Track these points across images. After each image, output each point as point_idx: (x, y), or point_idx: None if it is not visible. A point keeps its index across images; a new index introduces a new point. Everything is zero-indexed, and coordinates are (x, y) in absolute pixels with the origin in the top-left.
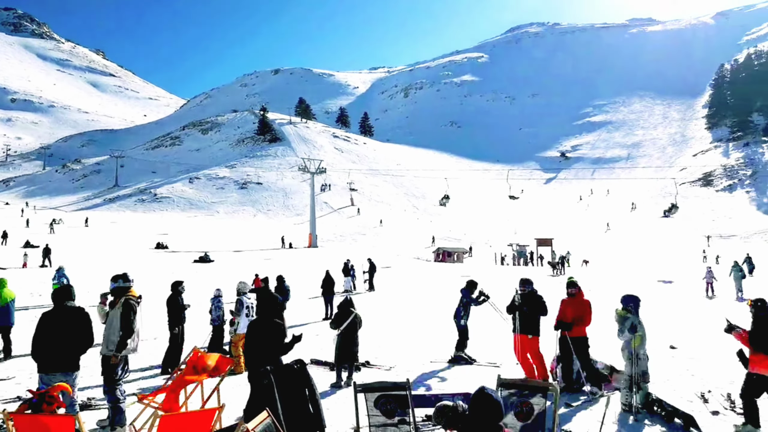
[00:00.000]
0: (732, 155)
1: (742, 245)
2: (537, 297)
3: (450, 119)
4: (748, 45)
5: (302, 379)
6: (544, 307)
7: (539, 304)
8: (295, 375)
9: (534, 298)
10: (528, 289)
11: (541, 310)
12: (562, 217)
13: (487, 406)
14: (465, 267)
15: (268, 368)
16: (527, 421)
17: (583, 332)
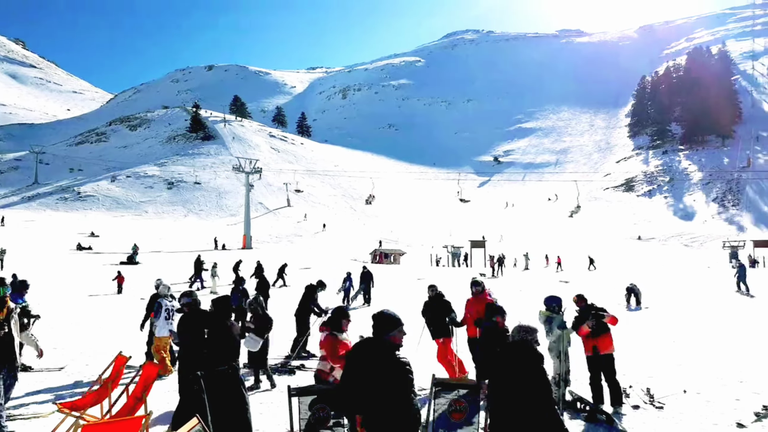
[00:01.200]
0: (651, 162)
1: (660, 247)
2: (443, 300)
3: (388, 122)
4: (668, 58)
5: (233, 385)
6: (449, 309)
7: (445, 307)
8: (226, 380)
9: (439, 302)
10: (434, 293)
11: (446, 312)
12: (495, 219)
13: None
14: (402, 268)
15: (198, 374)
16: (461, 420)
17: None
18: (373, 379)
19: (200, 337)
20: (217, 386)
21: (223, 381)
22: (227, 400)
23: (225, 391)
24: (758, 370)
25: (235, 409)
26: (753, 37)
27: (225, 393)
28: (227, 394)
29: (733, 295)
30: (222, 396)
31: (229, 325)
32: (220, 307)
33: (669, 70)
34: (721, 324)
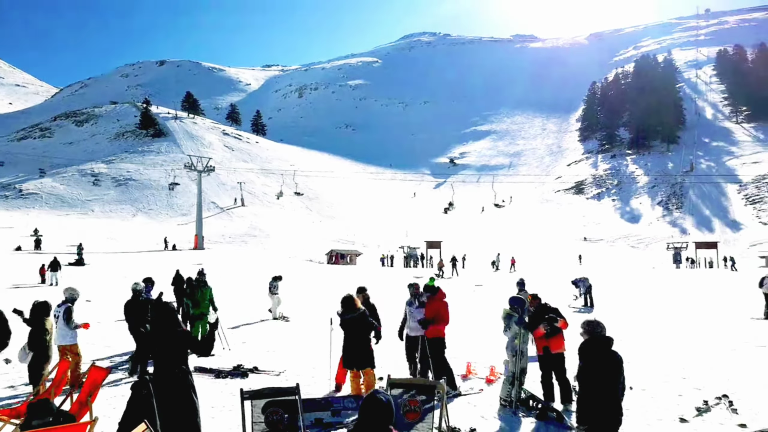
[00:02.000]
0: (600, 166)
1: (608, 248)
2: (369, 304)
3: (345, 122)
4: (617, 65)
5: (183, 388)
6: (374, 311)
7: (372, 310)
8: (175, 384)
9: (368, 306)
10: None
11: (373, 315)
12: (450, 221)
13: (377, 410)
14: (356, 269)
15: (146, 377)
16: (416, 419)
17: (440, 333)
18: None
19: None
20: (166, 390)
21: (172, 384)
22: (177, 405)
23: (174, 395)
24: (699, 367)
25: (185, 413)
26: (697, 47)
27: (174, 397)
28: (177, 398)
29: (677, 294)
30: (171, 400)
31: (175, 328)
32: (162, 310)
33: (618, 77)
34: (665, 322)
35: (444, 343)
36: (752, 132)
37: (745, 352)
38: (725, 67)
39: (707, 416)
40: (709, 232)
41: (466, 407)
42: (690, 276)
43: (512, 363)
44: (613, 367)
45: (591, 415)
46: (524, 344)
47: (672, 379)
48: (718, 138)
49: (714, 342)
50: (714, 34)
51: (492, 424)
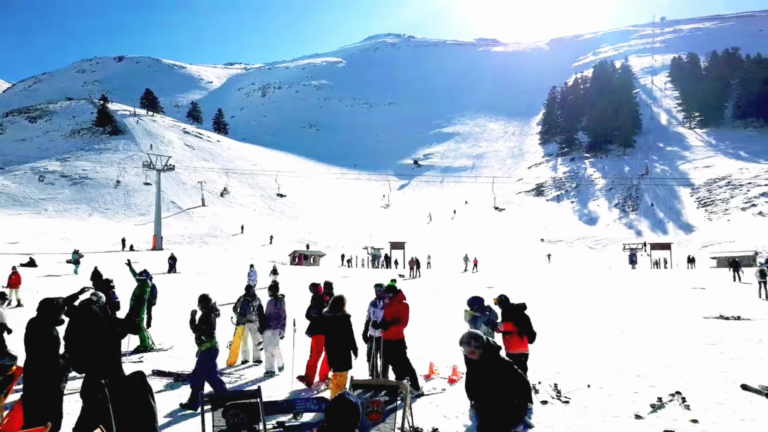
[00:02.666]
0: (560, 169)
1: (567, 249)
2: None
3: (309, 121)
4: (577, 70)
5: (141, 393)
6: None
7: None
8: (133, 388)
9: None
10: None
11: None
12: (414, 222)
13: (345, 412)
14: (320, 270)
15: (102, 382)
16: (378, 420)
17: (399, 334)
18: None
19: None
20: (122, 395)
21: (129, 389)
22: (134, 410)
23: (131, 399)
24: (654, 365)
25: (142, 418)
26: (653, 54)
27: (131, 402)
28: (134, 403)
29: (635, 294)
30: (128, 405)
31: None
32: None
33: (577, 82)
34: (622, 322)
35: (404, 344)
36: (704, 137)
37: (697, 350)
38: (679, 74)
39: (661, 412)
40: (663, 234)
41: (428, 407)
42: (645, 276)
43: None
44: (501, 376)
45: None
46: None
47: (628, 376)
48: (672, 143)
49: (668, 340)
50: (669, 41)
51: (454, 423)
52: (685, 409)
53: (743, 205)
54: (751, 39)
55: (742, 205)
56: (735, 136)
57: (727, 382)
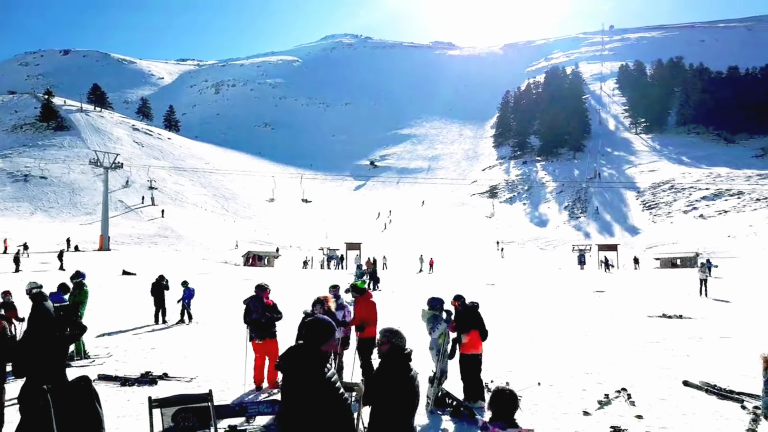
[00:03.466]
0: (512, 172)
1: (519, 250)
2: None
3: (263, 120)
4: (529, 75)
5: (86, 399)
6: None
7: (273, 308)
8: (77, 394)
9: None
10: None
11: (273, 310)
12: (370, 223)
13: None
14: (275, 271)
15: (44, 387)
16: None
17: (372, 333)
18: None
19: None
20: (67, 401)
21: (73, 395)
22: (78, 416)
23: (76, 406)
24: (601, 363)
25: (88, 425)
26: (602, 61)
27: (76, 408)
28: (79, 409)
29: (583, 294)
30: (73, 412)
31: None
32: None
33: (530, 87)
34: (571, 320)
35: (374, 343)
36: (649, 142)
37: (642, 348)
38: (626, 81)
39: (608, 409)
40: (610, 236)
41: None
42: (594, 276)
43: (435, 363)
44: (405, 385)
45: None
46: (447, 344)
47: (577, 374)
48: (619, 148)
49: (615, 339)
50: (617, 49)
51: None
52: (630, 405)
53: (685, 208)
54: (694, 48)
55: (684, 208)
56: (678, 142)
57: (670, 378)
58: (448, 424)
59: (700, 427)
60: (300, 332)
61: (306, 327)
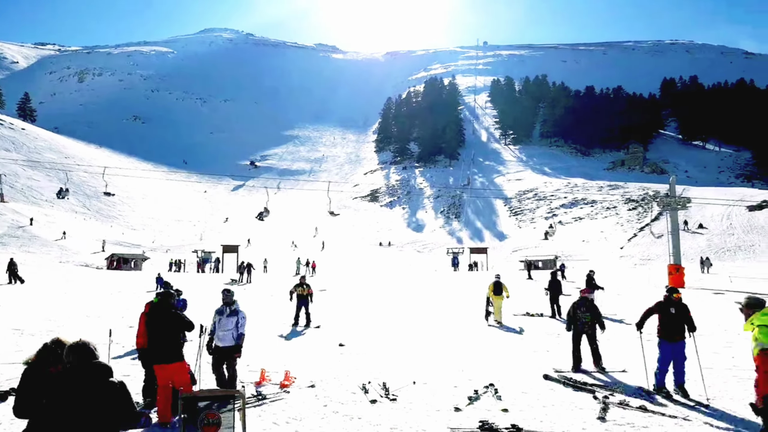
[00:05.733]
0: (392, 177)
1: (398, 253)
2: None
3: (133, 113)
4: (410, 84)
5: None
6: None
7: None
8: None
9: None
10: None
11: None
12: (248, 224)
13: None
14: (142, 274)
15: None
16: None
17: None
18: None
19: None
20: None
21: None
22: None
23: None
24: (473, 360)
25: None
26: (476, 75)
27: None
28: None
29: (457, 293)
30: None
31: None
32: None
33: (410, 95)
34: (447, 320)
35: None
36: (516, 153)
37: (508, 344)
38: (498, 95)
39: (477, 404)
40: (480, 241)
41: (262, 414)
42: (465, 277)
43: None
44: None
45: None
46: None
47: (450, 372)
48: (490, 157)
49: (484, 336)
50: (490, 64)
51: (284, 429)
52: (497, 399)
53: (546, 215)
54: (557, 68)
55: (545, 214)
56: (541, 154)
57: (532, 373)
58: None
59: (558, 417)
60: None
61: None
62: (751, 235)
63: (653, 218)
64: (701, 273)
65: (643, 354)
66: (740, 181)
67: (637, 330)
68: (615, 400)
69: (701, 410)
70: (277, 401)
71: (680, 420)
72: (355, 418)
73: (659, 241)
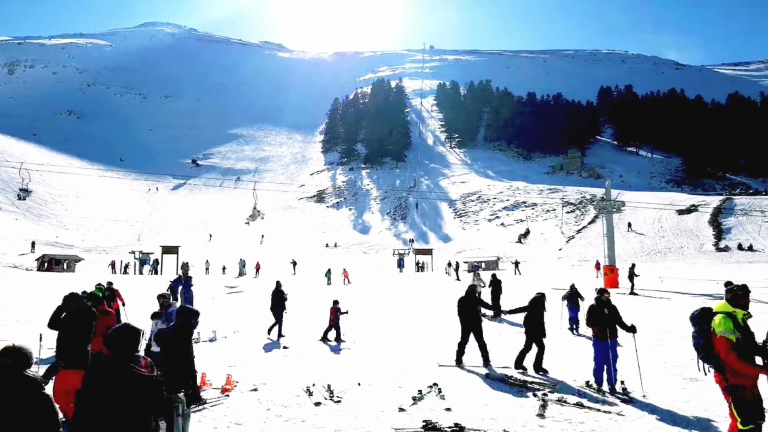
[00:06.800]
0: (339, 178)
1: (344, 254)
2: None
3: (68, 108)
4: (358, 85)
5: None
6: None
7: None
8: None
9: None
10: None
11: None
12: (189, 225)
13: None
14: (76, 276)
15: None
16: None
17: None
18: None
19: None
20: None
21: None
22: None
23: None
24: (418, 361)
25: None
26: (422, 79)
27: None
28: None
29: (402, 294)
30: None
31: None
32: None
33: (357, 96)
34: (392, 320)
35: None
36: (461, 156)
37: (453, 343)
38: (443, 99)
39: (421, 404)
40: (425, 243)
41: (202, 420)
42: (410, 278)
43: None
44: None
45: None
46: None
47: (395, 372)
48: (436, 160)
49: (430, 336)
50: (436, 68)
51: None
52: (441, 399)
53: (489, 217)
54: (501, 74)
55: (488, 217)
56: (485, 157)
57: (475, 371)
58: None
59: (500, 415)
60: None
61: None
62: (681, 237)
63: (590, 221)
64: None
65: (582, 353)
66: (671, 186)
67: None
68: (554, 397)
69: (635, 405)
70: (218, 406)
71: (614, 415)
72: (298, 422)
73: (595, 243)
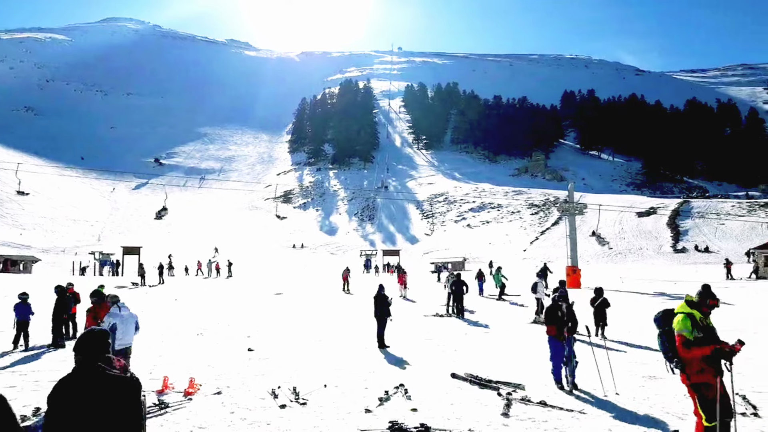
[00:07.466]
0: (306, 178)
1: (311, 254)
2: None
3: (25, 104)
4: (326, 85)
5: None
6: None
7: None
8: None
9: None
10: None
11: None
12: (151, 226)
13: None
14: (33, 278)
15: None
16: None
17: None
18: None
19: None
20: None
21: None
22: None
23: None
24: (383, 361)
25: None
26: (390, 80)
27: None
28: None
29: (371, 297)
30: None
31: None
32: None
33: (325, 96)
34: (359, 322)
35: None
36: (428, 158)
37: (419, 344)
38: (411, 101)
39: (387, 405)
40: (392, 244)
41: (164, 424)
42: (377, 279)
43: None
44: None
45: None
46: None
47: (361, 374)
48: (403, 162)
49: (396, 336)
50: (404, 70)
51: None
52: (407, 399)
53: (456, 218)
54: (467, 77)
55: (455, 218)
56: (452, 159)
57: (441, 372)
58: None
59: (465, 414)
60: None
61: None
62: (640, 239)
63: (553, 222)
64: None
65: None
66: (631, 189)
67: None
68: (518, 396)
69: (596, 404)
70: (181, 409)
71: (576, 413)
72: (263, 425)
73: (558, 244)
